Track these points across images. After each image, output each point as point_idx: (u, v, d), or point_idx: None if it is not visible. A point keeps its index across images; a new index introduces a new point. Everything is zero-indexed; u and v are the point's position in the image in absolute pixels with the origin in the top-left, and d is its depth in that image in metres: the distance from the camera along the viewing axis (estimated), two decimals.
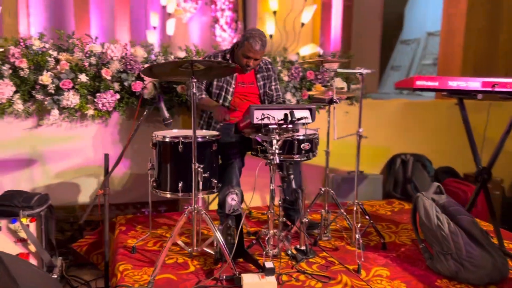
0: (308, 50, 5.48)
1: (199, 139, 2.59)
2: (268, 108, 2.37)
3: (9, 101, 3.22)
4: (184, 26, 7.62)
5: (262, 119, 2.34)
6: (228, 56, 3.08)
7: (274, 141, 2.46)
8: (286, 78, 3.85)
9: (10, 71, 3.21)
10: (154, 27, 7.26)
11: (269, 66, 3.23)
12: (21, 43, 3.27)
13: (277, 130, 2.44)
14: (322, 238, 3.08)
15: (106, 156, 2.70)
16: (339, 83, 3.95)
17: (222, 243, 2.36)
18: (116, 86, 3.41)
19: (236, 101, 3.08)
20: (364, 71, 2.75)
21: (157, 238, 2.99)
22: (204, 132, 2.84)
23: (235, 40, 6.41)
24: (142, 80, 3.46)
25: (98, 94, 3.37)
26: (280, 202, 3.00)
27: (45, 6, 7.14)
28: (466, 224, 2.58)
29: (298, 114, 2.42)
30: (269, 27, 5.92)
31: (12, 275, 2.13)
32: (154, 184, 2.67)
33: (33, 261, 2.98)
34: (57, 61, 3.31)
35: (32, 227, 2.94)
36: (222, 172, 2.83)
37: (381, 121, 4.29)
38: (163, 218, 3.41)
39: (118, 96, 3.42)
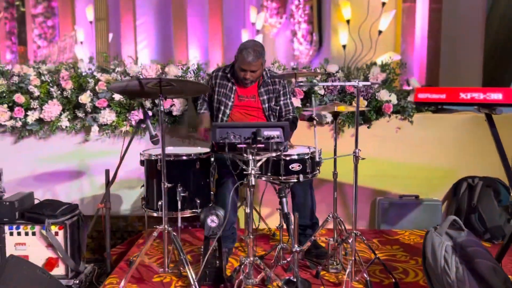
0: (385, 59, 5.06)
1: (183, 157, 2.55)
2: (233, 126, 2.22)
3: (57, 119, 3.59)
4: (271, 41, 7.67)
5: (225, 138, 2.20)
6: (227, 70, 3.00)
7: (251, 161, 2.30)
8: (321, 92, 3.58)
9: (58, 92, 3.58)
10: None
11: (276, 80, 3.05)
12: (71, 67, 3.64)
13: (251, 150, 2.27)
14: (330, 270, 2.76)
15: (107, 171, 2.83)
16: (384, 95, 3.54)
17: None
18: (148, 103, 3.57)
19: (237, 115, 2.97)
20: (361, 83, 2.40)
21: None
22: (190, 150, 2.79)
23: (310, 53, 6.22)
24: (172, 97, 3.55)
25: (132, 112, 3.56)
26: (277, 227, 2.79)
27: (155, 33, 7.82)
28: (484, 270, 2.07)
29: (268, 133, 2.22)
30: (342, 37, 5.62)
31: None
32: (143, 202, 2.70)
33: (61, 266, 3.25)
34: (97, 82, 3.59)
35: (61, 235, 3.22)
36: (217, 191, 2.75)
37: (444, 138, 3.71)
38: (185, 234, 3.43)
39: (150, 113, 3.57)
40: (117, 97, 3.53)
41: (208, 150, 2.72)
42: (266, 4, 7.22)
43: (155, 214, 2.61)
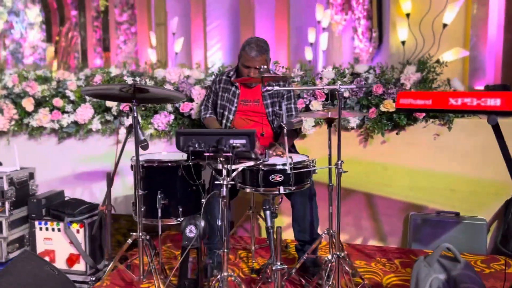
0: (450, 55, 4.55)
1: (165, 164, 2.50)
2: (197, 134, 2.11)
3: (89, 122, 3.78)
4: (337, 39, 7.34)
5: (189, 146, 2.10)
6: (231, 74, 2.86)
7: (224, 171, 2.17)
8: (346, 94, 3.29)
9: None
10: (311, 44, 7.24)
11: (281, 82, 2.84)
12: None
13: (221, 159, 2.14)
14: None
15: (108, 174, 2.88)
16: (459, 86, 3.14)
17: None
18: (170, 107, 3.59)
19: (239, 121, 2.83)
20: (342, 87, 2.12)
21: (165, 259, 3.00)
22: (175, 156, 2.71)
23: (370, 51, 5.78)
24: (192, 101, 3.54)
25: (155, 115, 3.62)
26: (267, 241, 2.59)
27: (227, 37, 7.93)
28: None
29: (233, 141, 2.07)
30: (401, 32, 5.15)
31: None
32: (133, 207, 2.70)
33: (82, 262, 3.41)
34: None
35: (82, 233, 3.38)
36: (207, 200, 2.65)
37: (493, 147, 3.17)
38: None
39: (172, 116, 3.59)
40: None
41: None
42: (332, 1, 6.91)
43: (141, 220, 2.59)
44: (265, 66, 2.40)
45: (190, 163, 2.24)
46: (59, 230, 3.38)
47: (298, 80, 3.42)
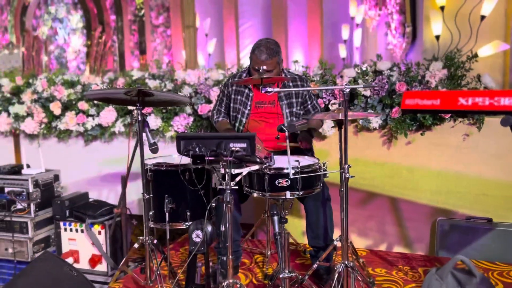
0: (489, 49, 4.29)
1: (172, 168, 2.48)
2: (198, 138, 2.06)
3: (113, 124, 3.84)
4: (372, 35, 7.11)
5: (189, 150, 2.05)
6: (243, 76, 2.79)
7: (227, 175, 2.11)
8: (367, 93, 3.14)
9: None
10: (345, 41, 7.06)
11: (299, 82, 2.74)
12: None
13: (223, 163, 2.08)
14: None
15: (123, 177, 2.90)
16: (490, 82, 2.95)
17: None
18: (188, 109, 3.58)
19: (252, 123, 2.75)
20: (347, 87, 1.99)
21: (180, 263, 2.99)
22: (185, 159, 2.66)
23: (403, 46, 5.52)
24: (210, 102, 3.51)
25: (175, 117, 3.62)
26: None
27: (260, 37, 7.91)
28: None
29: (233, 145, 2.01)
30: (435, 27, 4.90)
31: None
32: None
33: (104, 263, 3.46)
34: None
35: (103, 234, 3.43)
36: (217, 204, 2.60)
37: None
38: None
39: (191, 118, 3.58)
40: None
41: None
42: None
43: (152, 225, 2.58)
44: (265, 67, 2.32)
45: (192, 167, 2.20)
46: (82, 231, 3.44)
47: (317, 80, 3.30)
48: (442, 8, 4.79)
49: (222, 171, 2.09)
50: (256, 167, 2.21)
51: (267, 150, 2.18)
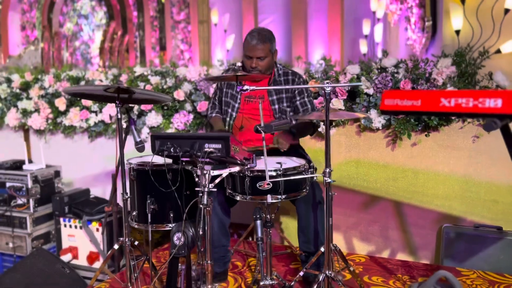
0: None
1: (155, 167, 2.41)
2: (172, 137, 1.97)
3: (115, 121, 3.81)
4: (394, 30, 6.86)
5: (163, 150, 1.97)
6: (240, 65, 2.69)
7: (205, 176, 2.02)
8: (370, 91, 2.98)
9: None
10: (366, 36, 6.85)
11: (290, 77, 2.61)
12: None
13: (198, 163, 1.99)
14: None
15: (113, 176, 2.86)
16: (503, 80, 2.75)
17: None
18: (188, 106, 3.51)
19: (245, 121, 2.64)
20: (328, 86, 1.85)
21: None
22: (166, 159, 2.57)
23: (423, 42, 5.26)
24: (210, 99, 3.42)
25: (175, 114, 3.56)
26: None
27: (280, 33, 7.77)
28: None
29: (208, 146, 1.91)
30: (455, 21, 4.65)
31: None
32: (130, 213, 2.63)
33: (102, 260, 3.45)
34: (145, 85, 3.68)
35: (100, 232, 3.41)
36: None
37: None
38: None
39: (191, 116, 3.51)
40: None
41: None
42: None
43: (136, 226, 2.51)
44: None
45: (176, 168, 2.11)
46: (81, 227, 3.44)
47: (319, 77, 3.16)
48: (463, 1, 4.53)
49: (199, 172, 2.00)
50: (236, 169, 2.11)
51: (246, 151, 2.07)
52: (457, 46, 4.51)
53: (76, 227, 3.46)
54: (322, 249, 2.22)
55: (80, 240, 3.46)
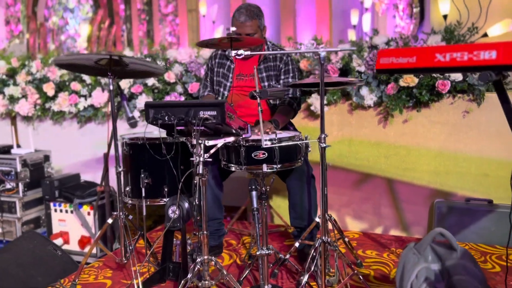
0: (499, 28, 4.08)
1: (148, 142, 2.38)
2: (166, 106, 1.96)
3: (105, 105, 3.78)
4: (382, 19, 6.89)
5: (158, 119, 1.95)
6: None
7: (200, 146, 2.01)
8: (361, 69, 2.99)
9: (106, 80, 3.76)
10: (354, 26, 6.87)
11: (279, 55, 2.61)
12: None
13: (193, 131, 1.98)
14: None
15: (105, 155, 2.83)
16: None
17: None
18: (179, 88, 3.49)
19: (234, 97, 2.63)
20: (322, 50, 1.86)
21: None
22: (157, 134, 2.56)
23: (411, 28, 5.31)
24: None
25: (166, 97, 3.53)
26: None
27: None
28: None
29: (202, 113, 1.90)
30: (442, 6, 4.70)
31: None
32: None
33: None
34: None
35: (92, 215, 3.37)
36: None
37: None
38: None
39: (182, 98, 3.49)
40: (150, 82, 3.53)
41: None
42: None
43: (130, 201, 2.49)
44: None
45: (171, 141, 2.10)
46: (72, 212, 3.40)
47: (310, 56, 3.17)
48: None
49: (194, 141, 1.99)
50: (231, 138, 2.10)
51: (242, 120, 2.06)
52: (430, 32, 4.56)
53: (67, 211, 3.42)
54: (317, 219, 2.23)
55: (71, 225, 3.42)
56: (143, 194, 2.33)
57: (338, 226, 2.28)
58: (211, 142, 2.05)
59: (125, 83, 3.60)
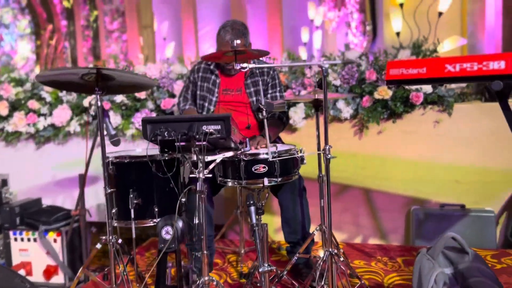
0: (448, 45, 4.33)
1: (138, 159, 2.27)
2: (166, 121, 1.88)
3: (67, 124, 3.56)
4: (332, 37, 7.14)
5: (157, 135, 1.87)
6: (210, 62, 2.63)
7: (200, 162, 1.93)
8: (337, 82, 3.06)
9: (69, 97, 3.56)
10: (305, 43, 7.05)
11: (266, 69, 2.61)
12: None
13: (195, 149, 1.91)
14: None
15: (81, 176, 2.66)
16: None
17: None
18: (150, 104, 3.38)
19: (221, 112, 2.59)
20: (325, 63, 1.89)
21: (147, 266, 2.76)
22: (151, 152, 2.47)
23: (364, 45, 5.55)
24: (174, 97, 3.32)
25: (137, 113, 3.40)
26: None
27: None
28: None
29: (206, 127, 1.84)
30: (395, 23, 4.94)
31: None
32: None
33: (61, 274, 3.17)
34: None
35: (59, 242, 3.14)
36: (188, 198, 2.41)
37: (499, 133, 2.94)
38: None
39: (154, 115, 3.37)
40: (119, 99, 3.39)
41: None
42: None
43: (114, 223, 2.34)
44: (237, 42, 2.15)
45: (160, 158, 2.02)
46: (35, 240, 3.14)
47: (286, 71, 3.20)
48: (401, 5, 4.84)
49: (194, 158, 1.92)
50: (230, 153, 2.05)
51: (241, 134, 2.03)
52: (399, 47, 4.80)
53: (29, 239, 3.16)
54: (315, 232, 2.23)
55: (34, 254, 3.16)
56: (132, 216, 2.20)
57: (335, 239, 2.29)
58: (209, 158, 2.00)
59: (89, 101, 3.43)
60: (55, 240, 3.12)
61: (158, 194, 2.29)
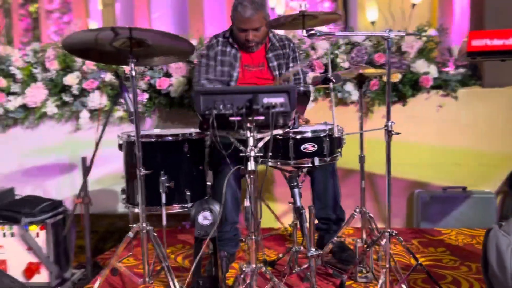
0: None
1: (167, 139, 2.04)
2: (222, 93, 1.69)
3: (43, 105, 3.16)
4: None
5: (211, 108, 1.67)
6: (227, 35, 2.47)
7: (250, 140, 1.76)
8: (345, 65, 3.01)
9: (44, 75, 3.16)
10: None
11: (286, 42, 2.51)
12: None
13: (247, 124, 1.73)
14: (358, 279, 2.18)
15: (83, 159, 2.36)
16: (421, 66, 2.93)
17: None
18: (143, 84, 3.09)
19: None
20: (391, 33, 1.82)
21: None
22: (178, 130, 2.26)
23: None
24: (170, 76, 3.07)
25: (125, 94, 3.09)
26: (290, 225, 2.24)
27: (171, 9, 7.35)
28: None
29: (268, 99, 1.68)
30: (370, 13, 4.98)
31: None
32: (124, 196, 2.20)
33: (44, 272, 2.80)
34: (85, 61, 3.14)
35: (43, 236, 2.77)
36: (214, 182, 2.22)
37: (498, 118, 3.05)
38: (186, 235, 2.94)
39: (146, 95, 3.09)
40: (108, 77, 3.07)
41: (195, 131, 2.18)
42: None
43: (136, 210, 2.10)
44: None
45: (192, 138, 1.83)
46: (12, 235, 2.74)
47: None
48: None
49: (248, 134, 1.75)
50: (279, 131, 1.91)
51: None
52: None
53: (5, 235, 2.76)
54: (355, 214, 2.17)
55: (10, 251, 2.76)
56: (163, 201, 1.98)
57: (374, 221, 2.24)
58: (258, 135, 1.84)
59: (72, 78, 3.07)
60: (37, 235, 2.76)
61: (188, 177, 2.09)
